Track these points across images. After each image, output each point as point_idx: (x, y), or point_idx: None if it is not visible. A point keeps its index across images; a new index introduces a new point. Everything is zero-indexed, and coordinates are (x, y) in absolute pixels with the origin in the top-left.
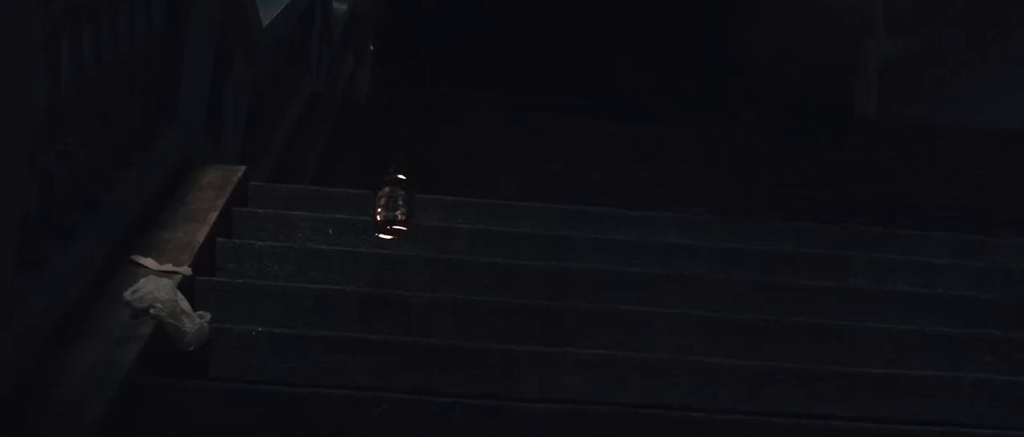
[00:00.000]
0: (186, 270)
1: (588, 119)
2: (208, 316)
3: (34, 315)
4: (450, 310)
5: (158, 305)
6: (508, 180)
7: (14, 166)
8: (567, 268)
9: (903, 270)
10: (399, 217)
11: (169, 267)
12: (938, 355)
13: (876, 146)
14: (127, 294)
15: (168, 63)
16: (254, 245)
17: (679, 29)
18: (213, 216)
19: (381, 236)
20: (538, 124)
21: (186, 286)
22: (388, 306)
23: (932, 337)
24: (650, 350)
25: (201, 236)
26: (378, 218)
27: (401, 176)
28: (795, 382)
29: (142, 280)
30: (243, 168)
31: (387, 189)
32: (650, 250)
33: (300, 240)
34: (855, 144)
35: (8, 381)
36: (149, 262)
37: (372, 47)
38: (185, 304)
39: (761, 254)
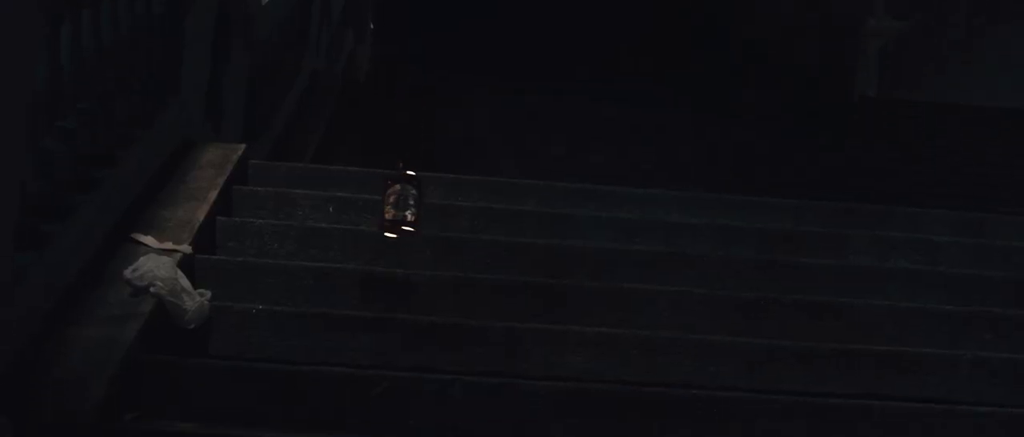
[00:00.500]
0: (186, 248)
1: (588, 102)
2: (208, 294)
3: (34, 292)
4: (451, 288)
5: (158, 283)
6: (508, 163)
7: (13, 142)
8: (569, 246)
9: (903, 248)
10: (409, 217)
11: (169, 245)
12: (938, 332)
13: (876, 126)
14: (127, 272)
15: (168, 42)
16: (254, 223)
17: (679, 12)
18: (213, 194)
19: (389, 235)
20: (538, 108)
21: (186, 264)
22: (389, 284)
23: (932, 314)
24: (653, 328)
25: (201, 214)
26: (388, 217)
27: (410, 172)
28: (795, 360)
29: (142, 258)
30: (243, 146)
31: (397, 187)
32: (652, 228)
33: (300, 218)
34: (855, 125)
35: (9, 358)
36: (149, 240)
37: (372, 25)
38: (185, 282)
39: (761, 232)
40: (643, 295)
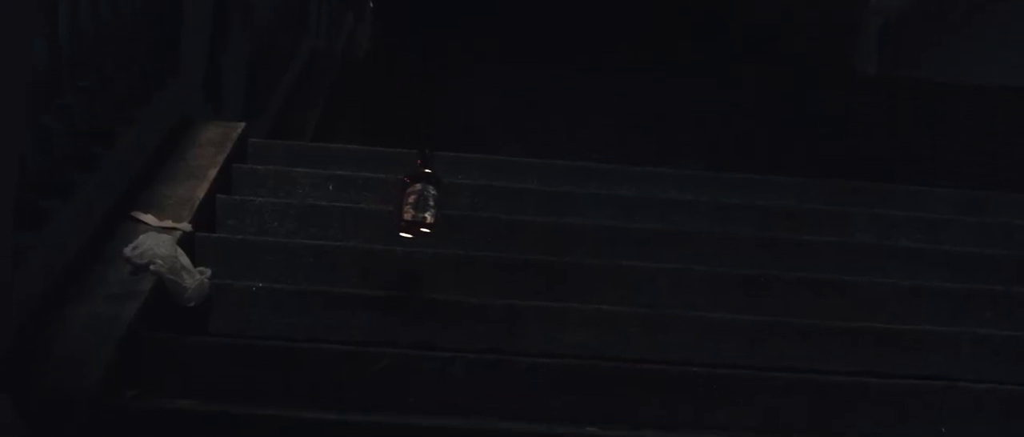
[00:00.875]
0: (186, 226)
1: (589, 91)
2: (208, 272)
3: (34, 270)
4: (452, 265)
5: (158, 261)
6: (508, 144)
7: (12, 119)
8: (570, 224)
9: (905, 226)
10: (428, 219)
11: (169, 223)
12: (940, 310)
13: (876, 104)
14: (127, 250)
15: (168, 20)
16: (254, 201)
17: None
18: (213, 172)
19: (404, 235)
20: (538, 88)
21: (186, 242)
22: (389, 262)
23: (934, 292)
24: (653, 306)
25: (201, 192)
26: (406, 217)
27: (428, 170)
28: (797, 337)
29: (142, 236)
30: (243, 125)
31: (417, 187)
32: (652, 206)
33: (300, 197)
34: (854, 103)
35: (9, 336)
36: (149, 218)
37: (372, 3)
38: (185, 260)
39: (763, 209)
40: (643, 273)
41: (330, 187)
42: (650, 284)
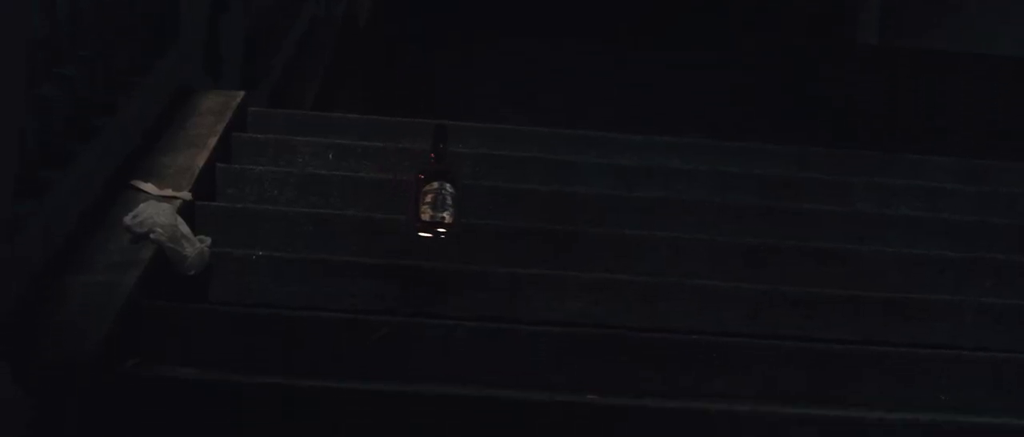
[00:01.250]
0: (186, 195)
1: (590, 65)
2: (208, 240)
3: (34, 239)
4: (453, 234)
5: (158, 229)
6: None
7: (12, 88)
8: (571, 193)
9: (906, 194)
10: (447, 219)
11: (169, 192)
12: (942, 279)
13: (877, 73)
14: (127, 219)
15: None
16: (254, 170)
17: None
18: (213, 141)
19: (423, 235)
20: (537, 55)
21: (186, 211)
22: (389, 230)
23: (935, 261)
24: (655, 274)
25: (201, 161)
26: (424, 218)
27: (445, 168)
28: (799, 305)
29: (142, 205)
30: (242, 93)
31: (434, 185)
32: (654, 175)
33: (300, 165)
34: (856, 72)
35: (9, 305)
36: (149, 187)
37: None
38: (185, 228)
39: (762, 178)
40: (645, 241)
41: (330, 156)
42: (652, 252)
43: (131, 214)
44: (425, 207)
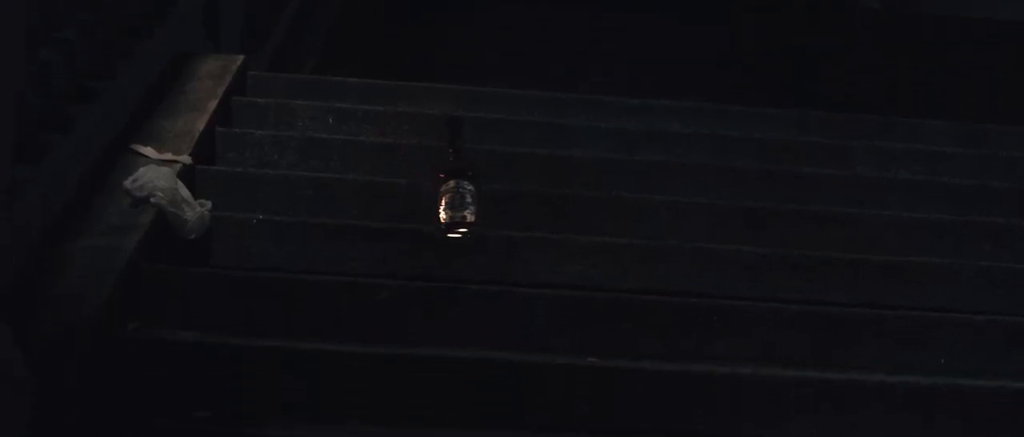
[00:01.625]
0: (186, 159)
1: (591, 30)
2: (209, 204)
3: (34, 205)
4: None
5: (158, 193)
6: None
7: (11, 53)
8: (569, 156)
9: (905, 158)
10: (468, 218)
11: (169, 156)
12: (941, 243)
13: (878, 38)
14: (127, 183)
15: None
16: (254, 134)
17: None
18: (213, 104)
19: (452, 237)
20: (537, 17)
21: (186, 175)
22: (389, 193)
23: (934, 225)
24: (654, 237)
25: (201, 125)
26: (444, 219)
27: (461, 165)
28: (799, 269)
29: (142, 169)
30: (242, 57)
31: (452, 183)
32: (652, 138)
33: (300, 129)
34: (857, 36)
35: (9, 271)
36: (149, 151)
37: None
38: (185, 192)
39: (762, 142)
40: (644, 205)
41: (330, 119)
42: (651, 216)
43: (131, 178)
44: (443, 207)
